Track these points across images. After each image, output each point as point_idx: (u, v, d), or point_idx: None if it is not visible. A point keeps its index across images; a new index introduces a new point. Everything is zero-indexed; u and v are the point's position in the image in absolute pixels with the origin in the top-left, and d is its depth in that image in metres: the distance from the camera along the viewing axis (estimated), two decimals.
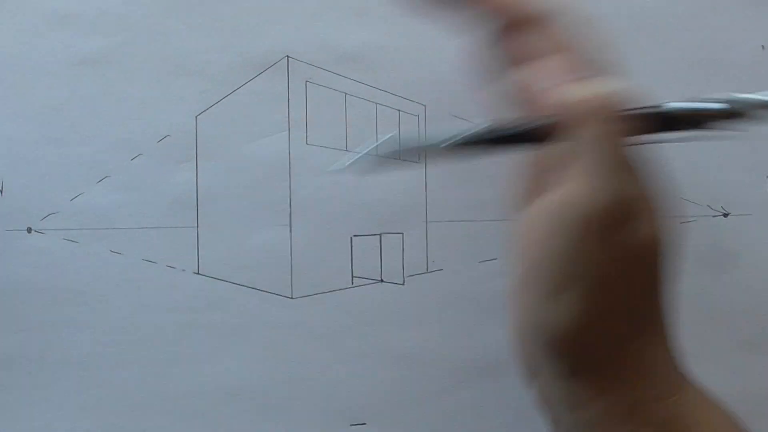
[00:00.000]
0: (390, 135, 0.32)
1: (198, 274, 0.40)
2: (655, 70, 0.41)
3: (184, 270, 0.41)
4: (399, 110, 0.41)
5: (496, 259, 0.41)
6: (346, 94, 0.41)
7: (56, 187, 0.40)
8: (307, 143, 0.41)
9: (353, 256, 0.41)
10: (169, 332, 0.40)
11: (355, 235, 0.41)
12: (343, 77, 0.41)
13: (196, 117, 0.41)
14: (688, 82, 0.41)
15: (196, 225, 0.41)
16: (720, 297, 0.38)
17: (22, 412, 0.40)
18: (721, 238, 0.40)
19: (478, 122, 0.31)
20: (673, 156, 0.41)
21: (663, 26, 0.41)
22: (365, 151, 0.32)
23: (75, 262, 0.40)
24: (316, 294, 0.41)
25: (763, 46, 0.41)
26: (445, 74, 0.41)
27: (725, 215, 0.40)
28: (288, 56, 0.41)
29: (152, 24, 0.40)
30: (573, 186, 0.29)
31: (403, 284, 0.41)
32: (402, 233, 0.41)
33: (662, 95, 0.41)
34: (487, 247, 0.41)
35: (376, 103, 0.41)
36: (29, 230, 0.40)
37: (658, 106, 0.30)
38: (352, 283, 0.41)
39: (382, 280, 0.41)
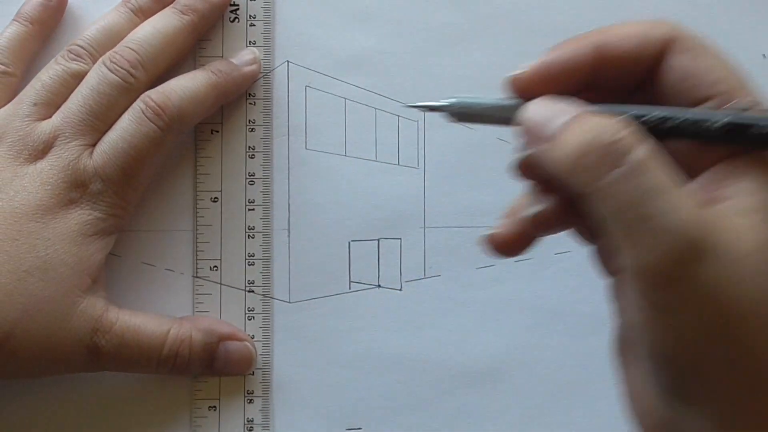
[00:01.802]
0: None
1: (196, 277, 0.40)
2: None
3: (182, 273, 0.41)
4: (398, 116, 0.41)
5: (493, 265, 0.41)
6: (345, 99, 0.41)
7: None
8: (306, 148, 0.41)
9: (351, 261, 0.41)
10: None
11: (353, 240, 0.41)
12: (342, 82, 0.41)
13: None
14: None
15: (194, 228, 0.41)
16: None
17: (20, 412, 0.40)
18: None
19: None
20: None
21: None
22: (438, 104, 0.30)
23: None
24: (314, 299, 0.41)
25: (764, 55, 0.41)
26: (444, 80, 0.41)
27: None
28: (288, 61, 0.42)
29: None
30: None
31: (400, 290, 0.41)
32: (400, 239, 0.41)
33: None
34: (485, 253, 0.41)
35: (376, 109, 0.41)
36: None
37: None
38: (350, 288, 0.41)
39: (379, 286, 0.41)
